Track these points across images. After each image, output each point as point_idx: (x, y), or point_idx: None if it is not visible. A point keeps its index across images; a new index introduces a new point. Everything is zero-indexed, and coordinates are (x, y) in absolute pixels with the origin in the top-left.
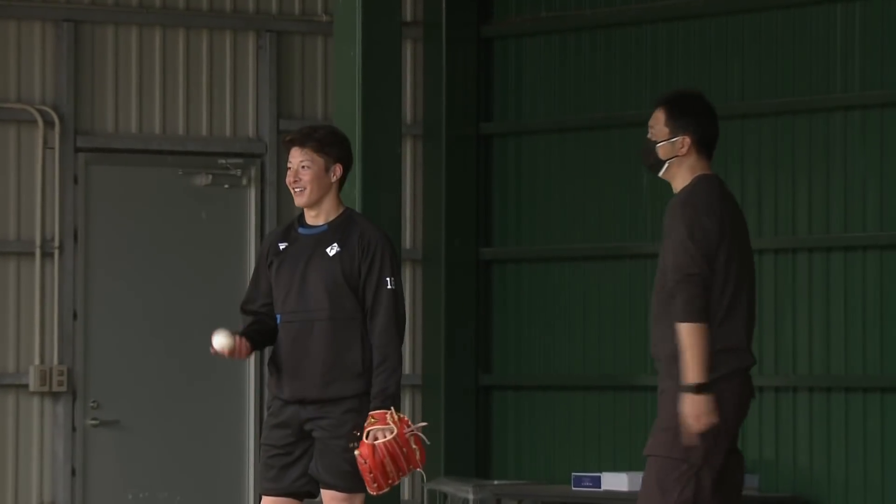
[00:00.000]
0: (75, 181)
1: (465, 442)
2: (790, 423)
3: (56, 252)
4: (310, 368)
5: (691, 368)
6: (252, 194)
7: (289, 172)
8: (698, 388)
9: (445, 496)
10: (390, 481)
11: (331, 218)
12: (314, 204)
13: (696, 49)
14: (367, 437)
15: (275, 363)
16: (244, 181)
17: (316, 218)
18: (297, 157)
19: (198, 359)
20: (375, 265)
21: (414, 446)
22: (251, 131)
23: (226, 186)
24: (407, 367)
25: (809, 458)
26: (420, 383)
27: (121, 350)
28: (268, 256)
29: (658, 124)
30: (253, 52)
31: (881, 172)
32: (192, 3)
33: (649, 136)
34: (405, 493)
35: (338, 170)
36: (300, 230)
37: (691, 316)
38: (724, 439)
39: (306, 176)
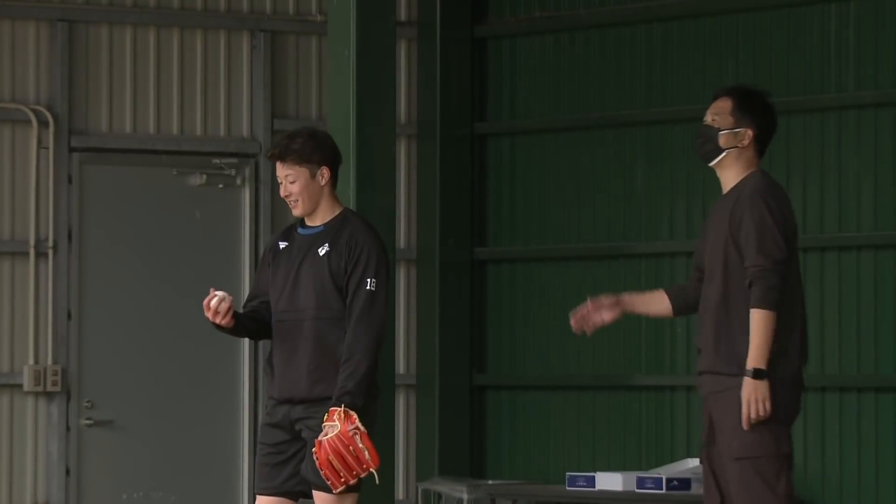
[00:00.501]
0: (69, 181)
1: (459, 442)
2: None
3: (50, 252)
4: (297, 368)
5: (758, 354)
6: (246, 194)
7: (280, 187)
8: (760, 374)
9: (440, 496)
10: (342, 479)
11: (327, 219)
12: (312, 211)
13: (691, 49)
14: (328, 432)
15: (269, 363)
16: (238, 181)
17: (314, 219)
18: (282, 172)
19: (192, 359)
20: (360, 266)
21: (361, 445)
22: (245, 131)
23: (220, 186)
24: (401, 367)
25: (804, 458)
26: (414, 383)
27: (115, 350)
28: (268, 255)
29: (723, 113)
30: (247, 52)
31: (875, 172)
32: (186, 2)
33: (710, 122)
34: (399, 493)
35: (325, 172)
36: (299, 230)
37: (770, 304)
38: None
39: (295, 188)
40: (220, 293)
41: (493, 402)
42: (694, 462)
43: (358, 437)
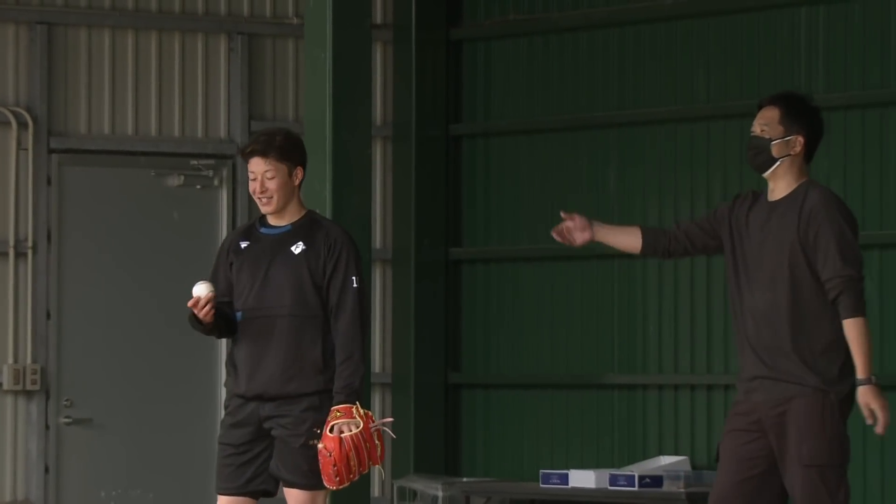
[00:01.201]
0: (49, 182)
1: (434, 440)
2: None
3: (29, 252)
4: (271, 365)
5: (866, 361)
6: (224, 195)
7: (253, 183)
8: (872, 380)
9: (415, 493)
10: (352, 476)
11: (294, 219)
12: (282, 209)
13: (663, 51)
14: (331, 431)
15: (233, 361)
16: (216, 182)
17: (280, 219)
18: (262, 167)
19: (169, 358)
20: (341, 264)
21: (377, 441)
22: (223, 132)
23: (198, 187)
24: (376, 366)
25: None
26: (389, 382)
27: (94, 349)
28: (228, 254)
29: (772, 122)
30: (224, 55)
31: (844, 174)
32: (164, 5)
33: (759, 133)
34: (375, 491)
35: (299, 173)
36: (262, 230)
37: (863, 311)
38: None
39: (273, 185)
40: (203, 290)
41: (467, 401)
42: (666, 459)
43: (375, 434)
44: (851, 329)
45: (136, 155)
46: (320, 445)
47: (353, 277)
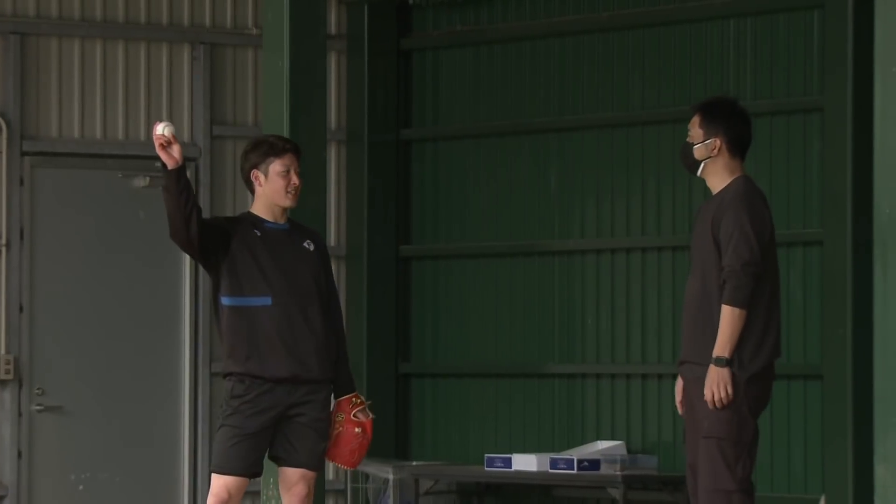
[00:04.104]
0: (21, 183)
1: (385, 426)
2: None
3: (3, 249)
4: (307, 349)
5: (725, 345)
6: None
7: (287, 176)
8: (722, 362)
9: (367, 476)
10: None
11: (286, 219)
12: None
13: (601, 61)
14: (360, 416)
15: (256, 345)
16: None
17: (281, 217)
18: (296, 164)
19: (136, 349)
20: (330, 266)
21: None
22: (186, 136)
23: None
24: None
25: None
26: None
27: (64, 340)
28: (236, 230)
29: (694, 127)
30: (188, 63)
31: (770, 176)
32: (130, 16)
33: (687, 139)
34: (329, 474)
35: None
36: (267, 224)
37: (740, 302)
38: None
39: (298, 182)
40: (170, 130)
41: (416, 389)
42: (603, 444)
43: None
44: (722, 314)
45: (104, 157)
46: (357, 429)
47: (333, 279)
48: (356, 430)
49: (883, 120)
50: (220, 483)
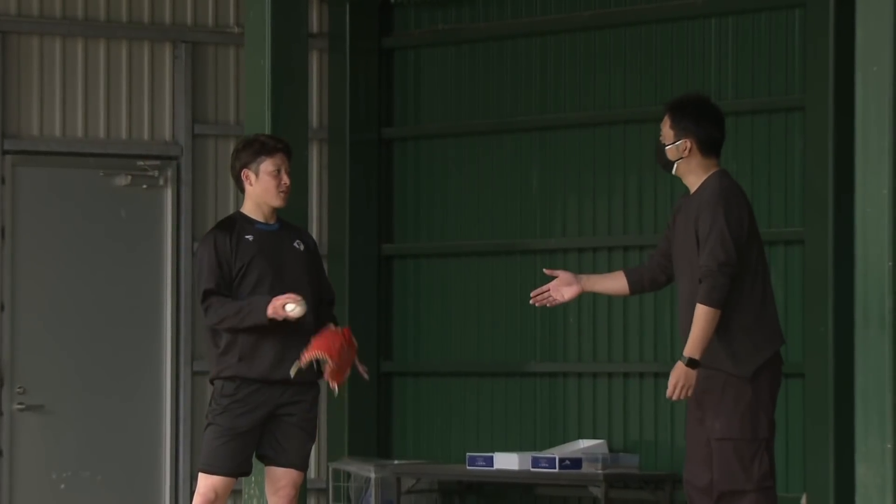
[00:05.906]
0: (3, 181)
1: (367, 424)
2: (668, 406)
3: None
4: (298, 349)
5: (696, 345)
6: (168, 194)
7: (279, 175)
8: (692, 363)
9: (349, 475)
10: (345, 368)
11: (276, 219)
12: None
13: (582, 59)
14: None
15: (248, 346)
16: (161, 181)
17: (271, 217)
18: (286, 164)
19: (117, 348)
20: (322, 266)
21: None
22: (168, 135)
23: (144, 186)
24: None
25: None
26: None
27: (46, 339)
28: (235, 246)
29: (665, 127)
30: (169, 62)
31: (752, 174)
32: (112, 15)
33: (660, 137)
34: (311, 473)
35: None
36: (258, 226)
37: (715, 302)
38: (772, 413)
39: (289, 181)
40: (300, 311)
41: (398, 388)
42: (585, 443)
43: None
44: (695, 313)
45: (86, 156)
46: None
47: (326, 275)
48: (332, 327)
49: (864, 119)
50: (207, 483)
